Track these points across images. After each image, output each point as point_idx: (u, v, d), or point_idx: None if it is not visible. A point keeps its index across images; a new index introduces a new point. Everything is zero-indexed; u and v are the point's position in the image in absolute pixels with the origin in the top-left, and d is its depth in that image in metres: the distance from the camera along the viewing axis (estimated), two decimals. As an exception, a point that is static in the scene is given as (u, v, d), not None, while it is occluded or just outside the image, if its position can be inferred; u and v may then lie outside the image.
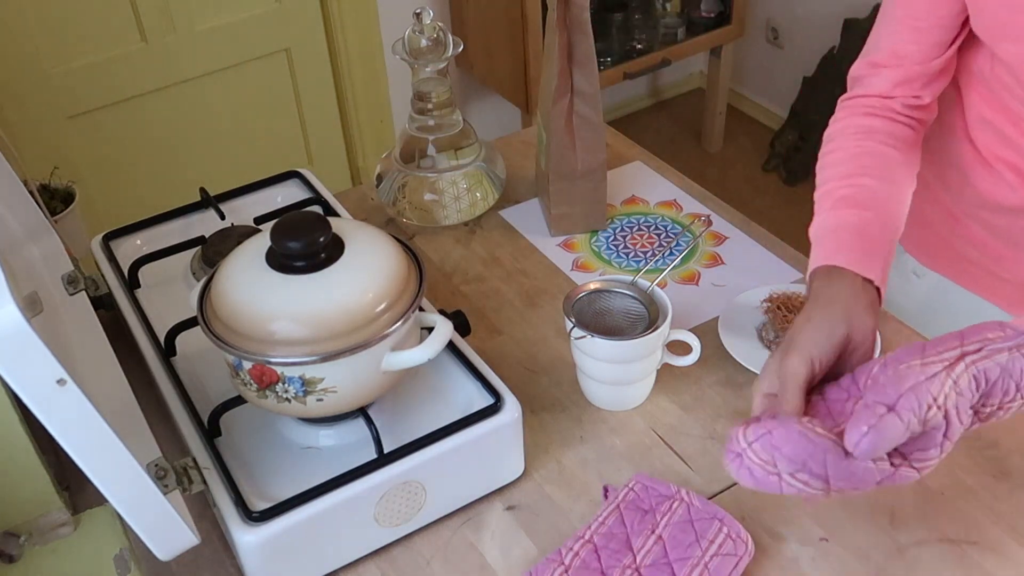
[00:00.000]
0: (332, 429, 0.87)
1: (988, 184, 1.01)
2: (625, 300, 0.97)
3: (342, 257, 0.81)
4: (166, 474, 0.74)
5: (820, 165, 0.96)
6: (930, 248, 1.15)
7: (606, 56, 2.76)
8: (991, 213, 1.03)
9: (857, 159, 0.93)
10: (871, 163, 0.93)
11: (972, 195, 1.03)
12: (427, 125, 1.18)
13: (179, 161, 2.50)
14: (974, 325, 0.71)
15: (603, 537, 0.83)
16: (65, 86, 2.24)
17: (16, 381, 0.59)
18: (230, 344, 0.78)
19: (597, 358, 0.93)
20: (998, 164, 0.99)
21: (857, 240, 0.86)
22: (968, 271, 1.11)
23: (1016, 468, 0.89)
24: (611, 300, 0.97)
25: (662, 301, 0.95)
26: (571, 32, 1.10)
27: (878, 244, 0.86)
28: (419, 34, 1.11)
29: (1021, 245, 1.03)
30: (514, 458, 0.90)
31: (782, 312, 1.02)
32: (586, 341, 0.92)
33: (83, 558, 0.86)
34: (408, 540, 0.86)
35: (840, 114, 1.00)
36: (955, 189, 1.06)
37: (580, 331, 0.91)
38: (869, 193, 0.90)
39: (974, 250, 1.08)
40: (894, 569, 0.82)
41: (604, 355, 0.93)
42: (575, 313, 0.94)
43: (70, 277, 0.98)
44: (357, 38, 2.58)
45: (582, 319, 0.94)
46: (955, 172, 1.04)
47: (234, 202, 1.16)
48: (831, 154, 0.96)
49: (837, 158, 0.95)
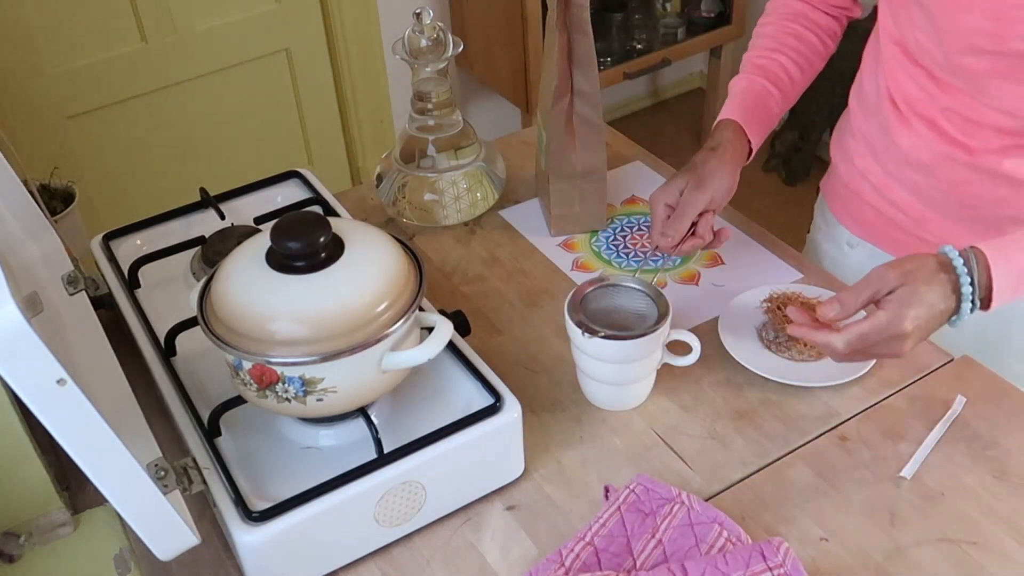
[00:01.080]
0: (332, 429, 0.87)
1: (907, 140, 1.08)
2: (633, 296, 0.97)
3: (342, 257, 0.80)
4: (166, 474, 0.74)
5: (753, 34, 1.20)
6: (862, 219, 1.20)
7: (606, 56, 2.76)
8: (913, 171, 1.09)
9: (779, 37, 1.17)
10: (790, 43, 1.16)
11: (896, 154, 1.10)
12: (427, 125, 1.18)
13: (179, 161, 2.50)
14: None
15: (603, 539, 0.83)
16: (65, 86, 2.24)
17: (16, 381, 0.59)
18: (230, 344, 0.78)
19: (597, 358, 0.93)
20: (914, 119, 1.06)
21: (757, 107, 1.14)
22: (897, 239, 1.16)
23: (1016, 468, 0.89)
24: (618, 296, 0.97)
25: (664, 300, 0.95)
26: (571, 32, 1.10)
27: (771, 116, 1.14)
28: (419, 34, 1.11)
29: (938, 205, 1.09)
30: (514, 458, 0.90)
31: (782, 312, 1.02)
32: (586, 341, 0.92)
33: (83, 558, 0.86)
34: (408, 540, 0.86)
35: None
36: (881, 150, 1.13)
37: (577, 329, 0.92)
38: (781, 69, 1.15)
39: (900, 213, 1.14)
40: (894, 569, 0.82)
41: (604, 355, 0.92)
42: (582, 309, 0.94)
43: (70, 277, 0.98)
44: (357, 38, 2.58)
45: (589, 316, 0.94)
46: (880, 133, 1.12)
47: (234, 202, 1.16)
48: (763, 27, 1.20)
49: (766, 32, 1.19)
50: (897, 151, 1.10)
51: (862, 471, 0.90)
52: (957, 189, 1.06)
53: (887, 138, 1.11)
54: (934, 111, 1.04)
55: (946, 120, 1.03)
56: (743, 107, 1.13)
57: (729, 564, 0.77)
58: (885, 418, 0.95)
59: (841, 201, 1.23)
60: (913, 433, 0.93)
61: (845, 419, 0.95)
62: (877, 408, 0.96)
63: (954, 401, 0.96)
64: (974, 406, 0.96)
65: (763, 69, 1.15)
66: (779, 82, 1.15)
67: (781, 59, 1.15)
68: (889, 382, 0.99)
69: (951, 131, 1.03)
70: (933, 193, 1.08)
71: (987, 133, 1.01)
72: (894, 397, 0.98)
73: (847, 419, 0.95)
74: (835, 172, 1.24)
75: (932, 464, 0.90)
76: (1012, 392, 0.97)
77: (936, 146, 1.05)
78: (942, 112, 1.03)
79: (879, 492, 0.88)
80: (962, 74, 0.98)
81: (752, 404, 0.97)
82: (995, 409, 0.95)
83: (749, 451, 0.93)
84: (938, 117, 1.04)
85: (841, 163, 1.22)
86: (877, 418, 0.95)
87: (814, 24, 1.17)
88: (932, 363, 1.01)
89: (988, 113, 0.99)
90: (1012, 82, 0.95)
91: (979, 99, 0.99)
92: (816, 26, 1.17)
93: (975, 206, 1.05)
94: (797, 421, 0.95)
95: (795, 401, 0.97)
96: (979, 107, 0.99)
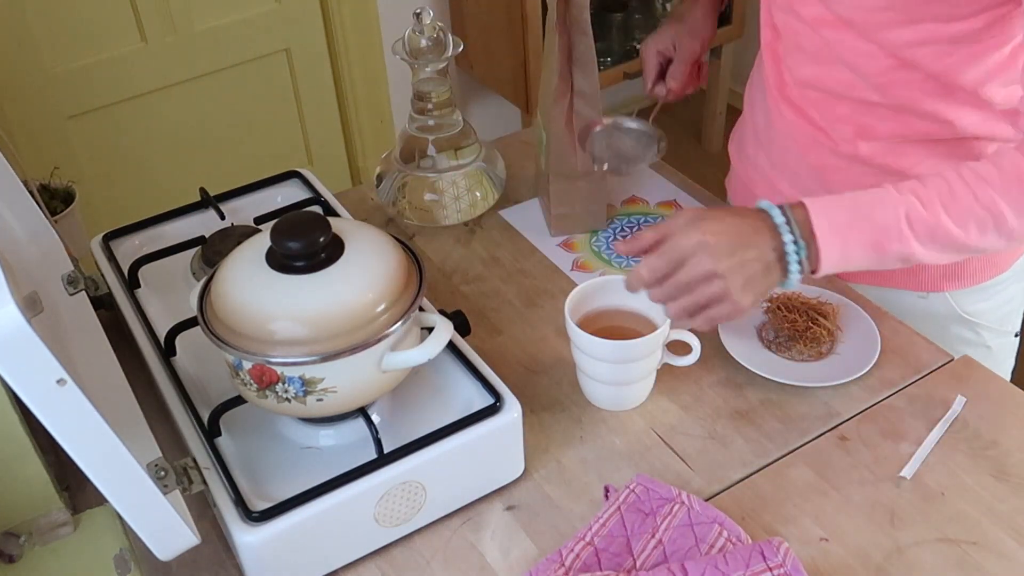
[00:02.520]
0: (332, 429, 0.87)
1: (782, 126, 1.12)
2: (637, 134, 1.08)
3: (342, 257, 0.80)
4: (166, 474, 0.74)
5: None
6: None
7: (606, 56, 2.76)
8: (791, 158, 1.12)
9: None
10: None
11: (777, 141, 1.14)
12: (427, 125, 1.18)
13: (179, 161, 2.50)
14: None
15: (603, 539, 0.83)
16: (65, 86, 2.24)
17: (16, 381, 0.59)
18: (230, 344, 0.78)
19: (597, 358, 0.93)
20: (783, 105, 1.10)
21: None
22: None
23: (1016, 468, 0.89)
24: (624, 135, 1.07)
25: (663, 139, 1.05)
26: (571, 32, 1.10)
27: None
28: (419, 34, 1.11)
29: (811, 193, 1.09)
30: (514, 458, 0.90)
31: (782, 312, 1.02)
32: (586, 341, 0.92)
33: (83, 558, 0.86)
34: (408, 540, 0.86)
35: None
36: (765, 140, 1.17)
37: (577, 328, 0.92)
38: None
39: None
40: (894, 569, 0.82)
41: (604, 355, 0.92)
42: (592, 146, 1.07)
43: (70, 277, 0.98)
44: (357, 38, 2.58)
45: (599, 155, 1.07)
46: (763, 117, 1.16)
47: (234, 202, 1.16)
48: None
49: None
50: (778, 137, 1.13)
51: (862, 471, 0.90)
52: (827, 177, 1.08)
53: (768, 125, 1.15)
54: (795, 92, 1.07)
55: (804, 101, 1.06)
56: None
57: (729, 564, 0.77)
58: (885, 418, 0.95)
59: (739, 196, 1.28)
60: (913, 433, 0.93)
61: (845, 419, 0.95)
62: (877, 408, 0.96)
63: (954, 401, 0.96)
64: (974, 406, 0.96)
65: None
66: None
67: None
68: (889, 382, 0.99)
69: (812, 113, 1.06)
70: (807, 183, 1.10)
71: (841, 109, 1.03)
72: (894, 397, 0.98)
73: (847, 419, 0.95)
74: (733, 168, 1.29)
75: (932, 464, 0.90)
76: (1012, 392, 0.97)
77: (802, 131, 1.08)
78: (801, 91, 1.06)
79: (879, 492, 0.88)
80: (811, 34, 1.00)
81: (752, 404, 0.97)
82: (995, 409, 0.95)
83: (749, 451, 0.93)
84: (798, 99, 1.07)
85: (736, 155, 1.27)
86: (877, 418, 0.95)
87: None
88: (932, 363, 1.01)
89: (837, 71, 1.00)
90: (850, 34, 0.97)
91: (827, 60, 1.01)
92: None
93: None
94: (797, 421, 0.95)
95: (795, 401, 0.97)
96: (830, 68, 1.01)
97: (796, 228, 0.85)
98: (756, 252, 0.84)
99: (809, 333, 1.00)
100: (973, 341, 1.12)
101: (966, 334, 1.12)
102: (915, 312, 1.09)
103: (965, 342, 1.12)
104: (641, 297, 0.95)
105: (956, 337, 1.12)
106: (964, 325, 1.11)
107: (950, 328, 1.12)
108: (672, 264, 0.84)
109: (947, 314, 1.11)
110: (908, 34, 0.93)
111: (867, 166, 1.04)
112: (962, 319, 1.11)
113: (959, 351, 1.03)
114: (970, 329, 1.12)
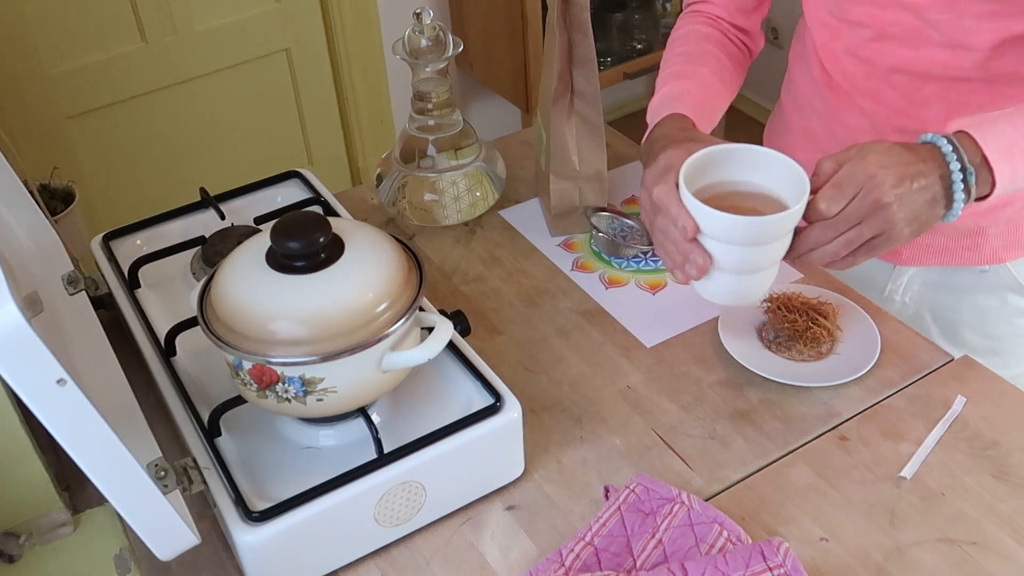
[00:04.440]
0: (332, 429, 0.87)
1: (855, 120, 1.08)
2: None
3: (342, 257, 0.80)
4: (166, 474, 0.74)
5: (665, 57, 1.13)
6: None
7: (606, 56, 2.76)
8: None
9: (698, 55, 1.10)
10: (709, 59, 1.10)
11: (841, 133, 1.10)
12: (427, 125, 1.18)
13: (179, 161, 2.50)
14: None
15: (603, 539, 0.83)
16: (65, 86, 2.24)
17: (16, 381, 0.59)
18: (230, 344, 0.78)
19: (725, 240, 0.83)
20: (857, 97, 1.07)
21: (698, 105, 1.02)
22: None
23: (1016, 468, 0.90)
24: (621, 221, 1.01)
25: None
26: (571, 32, 1.10)
27: (708, 119, 1.04)
28: (419, 34, 1.11)
29: None
30: (514, 458, 0.90)
31: (782, 312, 1.02)
32: (715, 217, 0.81)
33: (83, 558, 0.86)
34: (408, 540, 0.86)
35: (683, 21, 1.17)
36: (824, 139, 1.14)
37: (697, 203, 0.82)
38: (706, 79, 1.07)
39: None
40: (894, 569, 0.82)
41: (735, 236, 0.82)
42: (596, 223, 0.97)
43: (70, 277, 0.98)
44: (357, 38, 2.58)
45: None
46: (820, 123, 1.13)
47: (234, 202, 1.16)
48: (675, 48, 1.13)
49: (680, 51, 1.12)
50: (843, 131, 1.10)
51: (862, 471, 0.90)
52: None
53: (830, 123, 1.11)
54: (876, 81, 1.04)
55: (892, 87, 1.03)
56: (693, 105, 1.02)
57: (729, 564, 0.77)
58: (885, 418, 0.95)
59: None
60: (913, 433, 0.93)
61: (845, 419, 0.95)
62: (877, 408, 0.96)
63: (954, 401, 0.96)
64: (974, 406, 0.96)
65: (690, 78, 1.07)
66: (708, 91, 1.07)
67: (705, 70, 1.08)
68: (889, 382, 0.99)
69: (895, 99, 1.03)
70: None
71: (929, 89, 1.01)
72: (894, 397, 0.98)
73: (847, 419, 0.95)
74: None
75: (932, 464, 0.90)
76: (1012, 392, 0.97)
77: (883, 120, 1.05)
78: (884, 78, 1.03)
79: (879, 492, 0.88)
80: (905, 17, 0.98)
81: (752, 404, 0.97)
82: (995, 409, 0.95)
83: (749, 451, 0.93)
84: (878, 88, 1.04)
85: None
86: (877, 418, 0.95)
87: (725, 48, 1.13)
88: (932, 363, 1.01)
89: (935, 52, 0.98)
90: (955, 14, 0.95)
91: (922, 43, 0.98)
92: (726, 52, 1.13)
93: None
94: (797, 421, 0.95)
95: (795, 401, 0.97)
96: (925, 51, 0.99)
97: (965, 155, 0.84)
98: (924, 181, 0.84)
99: (809, 333, 1.00)
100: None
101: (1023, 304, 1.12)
102: (976, 287, 1.09)
103: (1023, 313, 1.12)
104: (759, 171, 0.88)
105: (1015, 308, 1.13)
106: (1022, 294, 1.12)
107: (1008, 299, 1.12)
108: (847, 197, 0.83)
109: (1008, 285, 1.12)
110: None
111: None
112: (1022, 288, 1.12)
113: (1016, 323, 1.05)
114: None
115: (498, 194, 1.25)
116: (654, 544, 0.82)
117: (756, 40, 1.18)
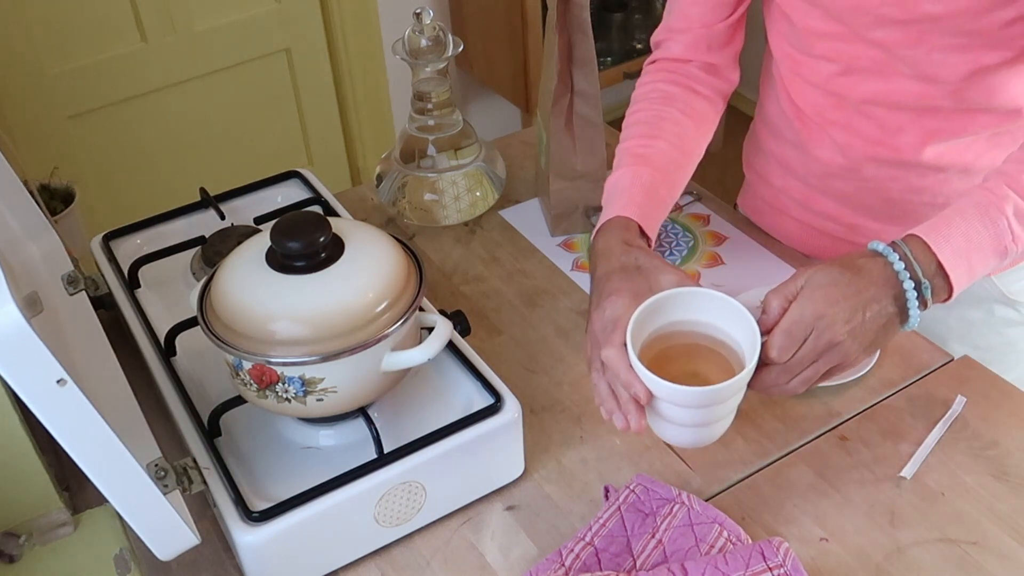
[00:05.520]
0: (332, 429, 0.87)
1: (826, 152, 1.07)
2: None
3: (342, 257, 0.81)
4: (166, 474, 0.74)
5: (625, 124, 1.07)
6: (790, 235, 1.20)
7: (606, 56, 2.76)
8: (837, 180, 1.09)
9: (656, 124, 1.04)
10: (667, 127, 1.04)
11: (816, 167, 1.10)
12: (427, 125, 1.18)
13: (179, 161, 2.50)
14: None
15: (603, 539, 0.83)
16: (65, 86, 2.24)
17: (16, 381, 0.59)
18: (230, 344, 0.78)
19: (677, 404, 0.80)
20: (829, 128, 1.06)
21: (647, 198, 0.97)
22: (828, 247, 1.16)
23: (1016, 468, 0.90)
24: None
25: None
26: (571, 32, 1.10)
27: (663, 204, 0.99)
28: (419, 34, 1.11)
29: (869, 208, 1.09)
30: (514, 458, 0.90)
31: (782, 312, 1.02)
32: (665, 390, 0.78)
33: (83, 558, 0.86)
34: (408, 540, 0.86)
35: (645, 78, 1.11)
36: (799, 167, 1.13)
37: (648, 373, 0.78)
38: (663, 155, 1.01)
39: (830, 223, 1.14)
40: (894, 569, 0.82)
41: (687, 402, 0.79)
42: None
43: (70, 277, 0.98)
44: (357, 38, 2.58)
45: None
46: (794, 151, 1.12)
47: (234, 202, 1.16)
48: (635, 114, 1.07)
49: (640, 118, 1.06)
50: (817, 164, 1.09)
51: (862, 471, 0.90)
52: (884, 187, 1.06)
53: (804, 154, 1.10)
54: (847, 111, 1.03)
55: (864, 117, 1.02)
56: (642, 199, 0.97)
57: (729, 564, 0.77)
58: (885, 418, 0.95)
59: (767, 219, 1.22)
60: (913, 433, 0.93)
61: (845, 419, 0.95)
62: (877, 408, 0.96)
63: (954, 401, 0.96)
64: (974, 406, 0.96)
65: (645, 159, 1.01)
66: (665, 169, 1.01)
67: (662, 144, 1.02)
68: (889, 382, 0.99)
69: (869, 130, 1.03)
70: (863, 196, 1.09)
71: (901, 119, 1.00)
72: (894, 397, 0.98)
73: (847, 419, 0.95)
74: (753, 191, 1.25)
75: (932, 464, 0.90)
76: (1012, 392, 0.97)
77: (856, 151, 1.05)
78: (856, 108, 1.02)
79: (879, 492, 0.88)
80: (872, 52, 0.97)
81: (752, 404, 0.97)
82: (995, 409, 0.95)
83: (749, 451, 0.93)
84: (854, 117, 1.03)
85: (758, 183, 1.22)
86: (877, 418, 0.95)
87: (689, 106, 1.07)
88: (932, 363, 1.01)
89: (906, 84, 0.98)
90: (924, 48, 0.94)
91: (892, 76, 0.98)
92: (690, 111, 1.06)
93: (903, 200, 1.06)
94: (797, 421, 0.95)
95: (795, 401, 0.97)
96: (896, 83, 0.98)
97: (918, 268, 0.82)
98: (877, 307, 0.81)
99: (809, 333, 1.00)
100: (1017, 321, 1.12)
101: (1010, 314, 1.12)
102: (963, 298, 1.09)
103: (1010, 323, 1.13)
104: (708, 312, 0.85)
105: (1001, 319, 1.13)
106: (1009, 305, 1.12)
107: (995, 310, 1.12)
108: (798, 342, 0.80)
109: (993, 296, 1.12)
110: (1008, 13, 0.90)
111: (930, 168, 1.03)
112: (1007, 299, 1.11)
113: (1005, 333, 1.05)
114: (1014, 308, 1.12)
115: (498, 194, 1.25)
116: (654, 544, 0.82)
117: (730, 75, 1.11)
